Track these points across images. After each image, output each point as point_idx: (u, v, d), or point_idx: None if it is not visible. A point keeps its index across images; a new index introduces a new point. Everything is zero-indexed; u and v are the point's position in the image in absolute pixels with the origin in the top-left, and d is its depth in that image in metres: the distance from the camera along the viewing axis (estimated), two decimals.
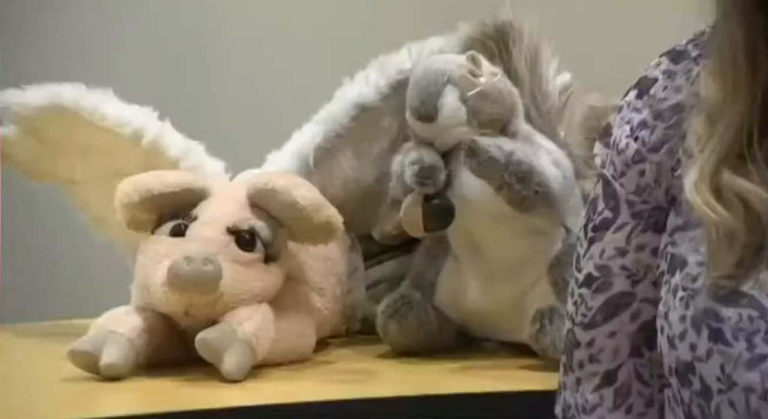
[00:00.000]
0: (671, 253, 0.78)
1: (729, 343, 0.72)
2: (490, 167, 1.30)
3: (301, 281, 1.40)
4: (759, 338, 0.71)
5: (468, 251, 1.39)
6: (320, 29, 1.91)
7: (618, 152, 0.81)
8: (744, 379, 0.71)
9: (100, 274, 1.57)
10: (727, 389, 0.72)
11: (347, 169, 1.46)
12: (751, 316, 0.71)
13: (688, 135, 0.76)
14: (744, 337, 0.71)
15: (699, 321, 0.73)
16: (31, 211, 1.55)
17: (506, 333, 1.39)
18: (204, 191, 1.35)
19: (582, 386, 0.84)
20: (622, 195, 0.81)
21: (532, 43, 1.43)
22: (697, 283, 0.75)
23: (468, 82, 1.34)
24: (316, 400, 1.21)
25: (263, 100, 1.90)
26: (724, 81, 0.74)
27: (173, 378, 1.25)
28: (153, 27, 1.94)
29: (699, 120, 0.76)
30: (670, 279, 0.77)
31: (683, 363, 0.74)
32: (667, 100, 0.79)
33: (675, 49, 0.81)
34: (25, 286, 1.66)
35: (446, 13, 1.47)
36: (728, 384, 0.72)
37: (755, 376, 0.71)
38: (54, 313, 1.62)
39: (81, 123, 1.43)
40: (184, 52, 1.94)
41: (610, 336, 0.82)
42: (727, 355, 0.72)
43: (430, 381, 1.30)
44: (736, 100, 0.74)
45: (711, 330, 0.73)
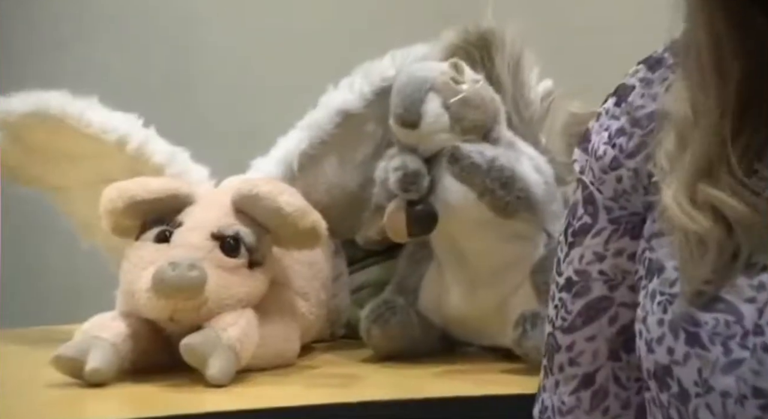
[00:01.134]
0: (649, 258, 0.78)
1: (706, 347, 0.72)
2: (473, 173, 1.31)
3: (286, 287, 1.40)
4: (735, 343, 0.71)
5: (451, 256, 1.39)
6: (305, 37, 1.91)
7: (596, 158, 0.81)
8: (720, 383, 0.71)
9: (85, 280, 1.56)
10: (705, 393, 0.72)
11: (331, 175, 1.46)
12: (728, 321, 0.71)
13: (658, 150, 0.76)
14: (720, 342, 0.71)
15: (676, 325, 0.73)
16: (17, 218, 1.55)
17: (489, 337, 1.39)
18: (189, 197, 1.35)
19: (560, 388, 0.84)
20: (600, 201, 0.81)
21: (515, 50, 1.43)
22: (674, 288, 0.74)
23: (451, 89, 1.34)
24: (301, 404, 1.21)
25: (248, 107, 1.90)
26: (694, 92, 0.74)
27: (158, 384, 1.25)
28: (138, 35, 1.93)
29: (669, 136, 0.75)
30: (648, 284, 0.77)
31: (661, 366, 0.74)
32: (644, 108, 0.79)
33: (652, 57, 0.81)
34: (9, 293, 1.65)
35: (429, 21, 1.47)
36: (705, 388, 0.72)
37: (731, 381, 0.70)
38: (39, 319, 1.61)
39: (67, 130, 1.43)
40: (169, 60, 1.94)
41: (589, 340, 0.82)
42: (704, 359, 0.72)
43: (414, 385, 1.30)
44: (706, 110, 0.73)
45: (688, 334, 0.73)
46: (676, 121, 0.75)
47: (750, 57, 0.72)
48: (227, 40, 1.92)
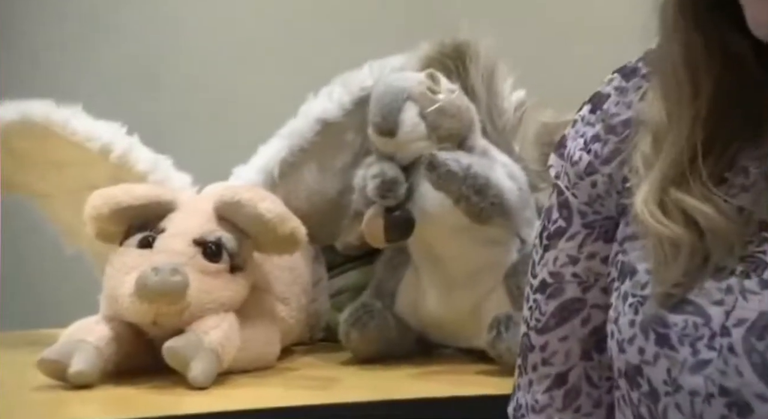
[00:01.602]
0: (621, 261, 0.78)
1: (675, 348, 0.72)
2: (449, 180, 1.31)
3: (267, 291, 1.40)
4: (702, 344, 0.71)
5: (427, 261, 1.39)
6: (285, 47, 1.91)
7: (572, 163, 0.81)
8: (688, 383, 0.71)
9: (69, 284, 1.55)
10: (674, 392, 0.72)
11: (311, 182, 1.46)
12: (696, 323, 0.72)
13: (635, 154, 0.77)
14: (689, 343, 0.72)
15: (647, 327, 0.74)
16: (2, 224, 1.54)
17: (464, 339, 1.40)
18: (171, 203, 1.35)
19: (534, 387, 0.84)
20: (575, 205, 0.81)
21: (488, 61, 1.44)
22: (645, 290, 0.75)
23: (427, 99, 1.35)
24: (281, 406, 1.21)
25: (229, 116, 1.90)
26: (668, 101, 0.75)
27: (141, 386, 1.25)
28: (121, 44, 1.93)
29: (645, 140, 0.76)
30: (620, 286, 0.77)
31: (632, 366, 0.74)
32: (618, 116, 0.80)
33: (627, 67, 0.81)
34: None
35: (406, 33, 1.48)
36: (674, 387, 0.72)
37: (699, 380, 0.71)
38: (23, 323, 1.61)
39: (51, 138, 1.43)
40: (152, 69, 1.93)
41: (562, 340, 0.82)
42: (673, 360, 0.72)
43: (391, 386, 1.30)
44: (680, 119, 0.74)
45: (658, 335, 0.73)
46: (652, 125, 0.75)
47: (723, 71, 0.73)
48: (210, 51, 1.92)
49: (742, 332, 0.70)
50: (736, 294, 0.71)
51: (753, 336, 0.69)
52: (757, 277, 0.71)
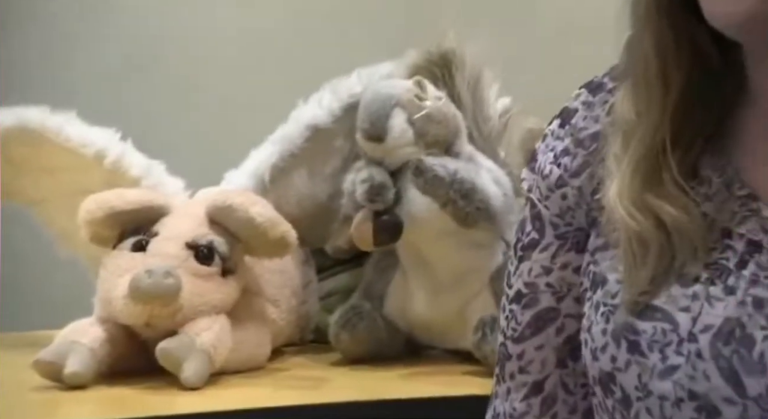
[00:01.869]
0: (593, 271, 0.78)
1: (645, 354, 0.72)
2: (436, 184, 1.31)
3: (258, 293, 1.40)
4: (671, 350, 0.71)
5: (415, 264, 1.40)
6: (275, 54, 1.91)
7: (543, 177, 0.81)
8: (658, 388, 0.72)
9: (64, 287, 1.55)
10: (644, 397, 0.72)
11: (301, 187, 1.46)
12: (664, 329, 0.72)
13: (608, 152, 0.77)
14: (658, 349, 0.72)
15: (618, 334, 0.74)
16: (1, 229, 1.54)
17: (451, 341, 1.40)
18: (164, 208, 1.35)
19: (511, 395, 0.83)
20: (547, 217, 0.81)
21: (474, 69, 1.44)
22: (616, 299, 0.75)
23: (414, 106, 1.35)
24: (272, 406, 1.22)
25: (221, 122, 1.90)
26: (638, 98, 0.75)
27: (134, 386, 1.25)
28: (114, 52, 1.93)
29: (616, 138, 0.76)
30: (592, 296, 0.78)
31: (605, 373, 0.75)
32: (586, 129, 0.80)
33: (593, 82, 0.82)
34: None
35: (394, 41, 1.48)
36: (645, 393, 0.72)
37: (668, 385, 0.71)
38: (19, 325, 1.60)
39: (46, 144, 1.42)
40: (145, 77, 1.93)
41: (538, 349, 0.82)
42: (644, 366, 0.72)
43: (380, 387, 1.30)
44: (649, 115, 0.74)
45: (629, 343, 0.73)
46: (622, 123, 0.75)
47: (692, 66, 0.73)
48: (202, 59, 1.93)
49: (708, 337, 0.70)
50: (702, 301, 0.71)
51: (719, 341, 0.70)
52: (721, 284, 0.71)
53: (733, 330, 0.70)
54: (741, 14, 0.67)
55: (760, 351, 0.68)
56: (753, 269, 0.71)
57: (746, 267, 0.71)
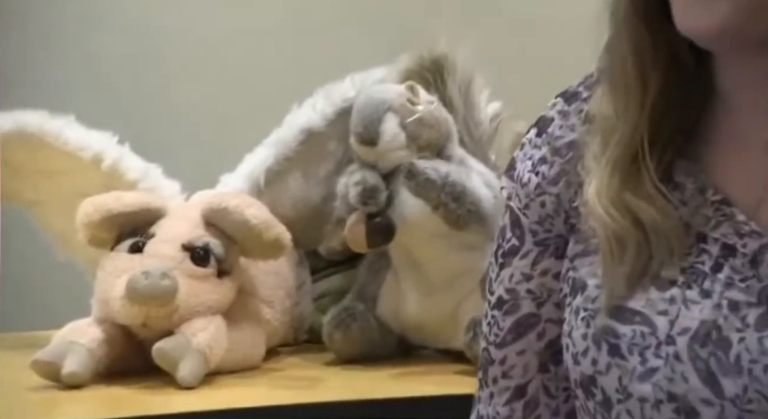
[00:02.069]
0: (572, 277, 0.78)
1: (625, 357, 0.73)
2: (428, 187, 1.31)
3: (252, 294, 1.40)
4: (650, 352, 0.72)
5: (407, 265, 1.40)
6: (270, 60, 1.91)
7: (521, 185, 0.81)
8: (638, 390, 0.72)
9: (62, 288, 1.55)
10: (625, 399, 0.73)
11: (296, 189, 1.46)
12: (644, 332, 0.72)
13: (586, 154, 0.77)
14: (638, 352, 0.72)
15: (599, 338, 0.74)
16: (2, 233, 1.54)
17: (443, 341, 1.40)
18: (161, 210, 1.35)
19: (495, 399, 0.83)
20: (527, 225, 0.81)
21: (465, 74, 1.44)
22: (596, 304, 0.75)
23: (407, 110, 1.35)
24: (267, 405, 1.22)
25: (217, 125, 1.90)
26: (616, 98, 0.75)
27: (131, 386, 1.25)
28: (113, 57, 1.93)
29: (595, 140, 0.76)
30: (572, 301, 0.78)
31: (587, 376, 0.75)
32: (563, 138, 0.80)
33: (569, 91, 0.82)
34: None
35: (387, 47, 1.48)
36: (625, 395, 0.73)
37: (648, 388, 0.71)
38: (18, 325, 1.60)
39: (45, 148, 1.42)
40: (143, 82, 1.93)
41: (520, 354, 0.82)
42: (624, 368, 0.73)
43: (373, 386, 1.30)
44: (627, 115, 0.74)
45: (609, 346, 0.73)
46: (601, 122, 0.75)
47: (668, 67, 0.73)
48: (198, 65, 1.93)
49: (686, 340, 0.71)
50: (679, 304, 0.72)
51: (696, 343, 0.70)
52: (697, 287, 0.72)
53: (709, 332, 0.70)
54: (713, 27, 0.68)
55: (736, 352, 0.69)
56: (728, 273, 0.71)
57: (721, 271, 0.71)
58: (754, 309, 0.70)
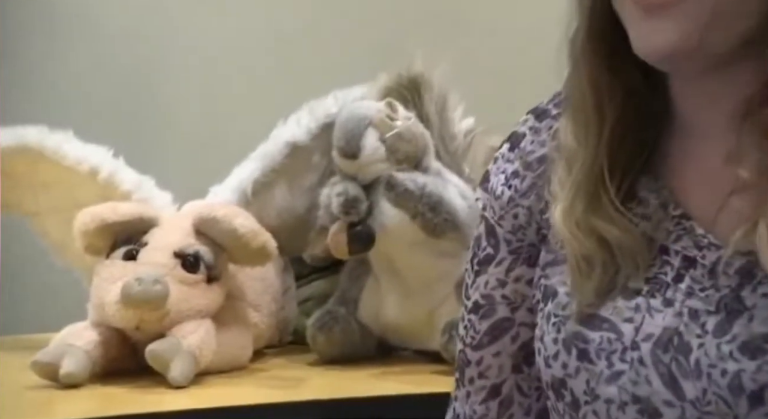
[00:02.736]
0: (544, 284, 0.79)
1: (593, 361, 0.73)
2: (406, 198, 1.32)
3: (240, 299, 1.40)
4: (616, 357, 0.72)
5: (387, 271, 1.40)
6: (257, 77, 1.92)
7: (495, 198, 0.82)
8: (605, 392, 0.72)
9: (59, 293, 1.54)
10: (592, 401, 0.73)
11: (281, 200, 1.46)
12: (610, 338, 0.73)
13: (552, 178, 0.78)
14: (605, 356, 0.73)
15: (569, 343, 0.75)
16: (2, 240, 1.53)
17: (420, 342, 1.40)
18: (153, 220, 1.35)
19: (471, 398, 0.84)
20: (501, 234, 0.82)
21: (441, 92, 1.45)
22: (566, 310, 0.76)
23: (386, 125, 1.36)
24: (254, 404, 1.22)
25: (207, 140, 1.90)
26: (577, 128, 0.75)
27: (125, 385, 1.25)
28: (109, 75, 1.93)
29: (560, 165, 0.77)
30: (544, 308, 0.78)
31: (557, 379, 0.75)
32: (534, 153, 0.80)
33: (539, 108, 0.82)
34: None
35: (367, 66, 1.49)
36: (593, 397, 0.73)
37: (614, 390, 0.72)
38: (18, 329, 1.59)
39: (44, 161, 1.43)
40: (137, 99, 1.93)
41: (495, 356, 0.82)
42: (592, 372, 0.73)
43: (354, 385, 1.31)
44: (587, 143, 0.75)
45: (579, 351, 0.74)
46: (565, 151, 0.76)
47: (625, 99, 0.74)
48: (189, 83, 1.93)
49: (649, 346, 0.71)
50: (644, 312, 0.72)
51: (659, 349, 0.71)
52: (660, 296, 0.72)
53: (671, 338, 0.71)
54: (668, 49, 0.68)
55: (696, 357, 0.69)
56: (688, 283, 0.72)
57: (682, 281, 0.72)
58: (712, 317, 0.70)
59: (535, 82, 0.82)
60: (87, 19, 1.93)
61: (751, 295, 0.69)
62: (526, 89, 0.85)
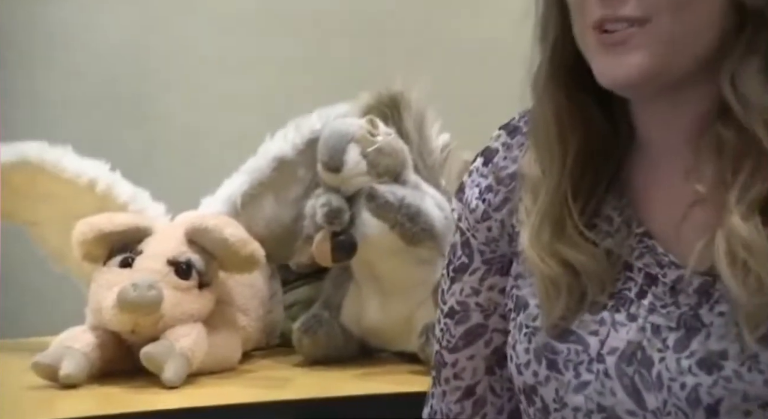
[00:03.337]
0: (516, 295, 0.79)
1: (561, 372, 0.74)
2: (386, 209, 1.32)
3: (230, 304, 1.40)
4: (583, 368, 0.73)
5: (368, 277, 1.40)
6: (247, 96, 1.92)
7: (470, 211, 0.82)
8: (572, 401, 0.73)
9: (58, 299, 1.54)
10: (561, 408, 0.74)
11: (269, 211, 1.46)
12: (578, 350, 0.74)
13: (520, 207, 0.78)
14: (572, 367, 0.74)
15: (539, 353, 0.76)
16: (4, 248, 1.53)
17: (398, 344, 1.41)
18: (148, 229, 1.35)
19: (447, 397, 0.85)
20: (475, 245, 0.82)
21: (419, 109, 1.45)
22: (536, 322, 0.76)
23: (367, 141, 1.36)
24: (243, 402, 1.22)
25: (199, 154, 1.90)
26: (542, 158, 0.76)
27: (121, 385, 1.26)
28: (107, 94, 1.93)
29: (526, 195, 0.77)
30: (516, 317, 0.79)
31: (529, 386, 0.76)
32: (506, 169, 0.80)
33: (511, 124, 0.82)
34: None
35: (349, 85, 1.49)
36: (561, 405, 0.74)
37: (581, 399, 0.73)
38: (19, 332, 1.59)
39: (44, 175, 1.42)
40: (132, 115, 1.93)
41: (470, 359, 0.83)
42: (561, 381, 0.74)
43: (337, 385, 1.31)
44: (552, 173, 0.75)
45: (548, 361, 0.75)
46: (530, 180, 0.77)
47: (586, 129, 0.75)
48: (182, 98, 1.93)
49: (614, 359, 0.72)
50: (609, 326, 0.73)
51: (623, 362, 0.72)
52: (625, 311, 0.73)
53: (635, 352, 0.72)
54: (629, 79, 0.70)
55: (658, 371, 0.70)
56: (651, 299, 0.72)
57: (645, 297, 0.73)
58: (673, 333, 0.71)
59: (507, 101, 0.82)
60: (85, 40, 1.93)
61: (708, 313, 0.70)
62: (499, 107, 0.85)
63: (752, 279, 0.67)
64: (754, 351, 0.68)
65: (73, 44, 1.92)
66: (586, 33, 0.71)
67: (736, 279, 0.68)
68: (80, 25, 1.91)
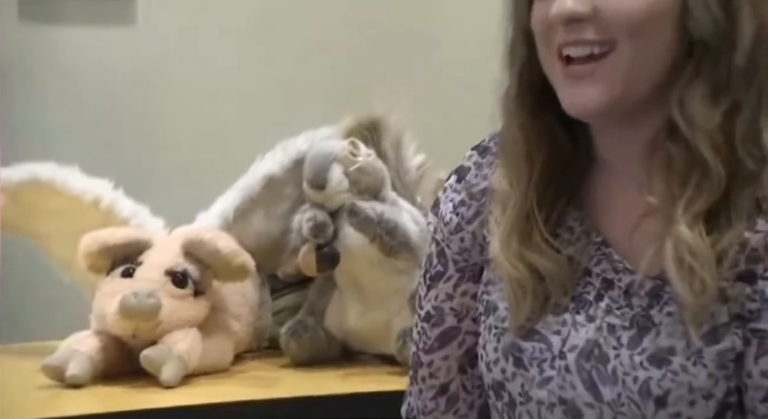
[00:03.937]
0: (486, 299, 0.81)
1: (526, 368, 0.76)
2: (367, 223, 1.34)
3: (223, 310, 1.41)
4: (546, 365, 0.76)
5: (350, 286, 1.41)
6: (238, 120, 1.92)
7: (444, 223, 0.83)
8: (536, 395, 0.76)
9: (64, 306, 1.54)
10: (526, 402, 0.76)
11: (258, 225, 1.45)
12: (541, 348, 0.76)
13: (490, 217, 0.80)
14: (536, 364, 0.76)
15: (507, 352, 0.78)
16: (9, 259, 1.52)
17: (378, 347, 1.41)
18: (148, 242, 1.36)
19: (423, 395, 0.87)
20: (449, 255, 0.84)
21: (397, 132, 1.46)
22: (505, 323, 0.79)
23: (349, 161, 1.37)
24: (234, 400, 1.23)
25: (194, 174, 1.90)
26: (510, 173, 0.78)
27: (123, 386, 1.26)
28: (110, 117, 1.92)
29: (496, 207, 0.80)
30: (486, 320, 0.81)
31: (497, 382, 0.79)
32: (478, 185, 0.82)
33: (482, 145, 0.84)
34: (4, 314, 1.63)
35: (333, 110, 1.48)
36: (526, 398, 0.76)
37: (544, 393, 0.75)
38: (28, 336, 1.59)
39: (53, 192, 1.42)
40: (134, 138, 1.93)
41: (444, 359, 0.85)
42: (526, 377, 0.76)
43: (321, 384, 1.32)
44: (519, 187, 0.78)
45: (515, 358, 0.77)
46: (499, 194, 0.79)
47: (550, 147, 0.78)
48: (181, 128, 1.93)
49: (574, 356, 0.75)
50: (570, 326, 0.76)
51: (582, 358, 0.75)
52: (584, 313, 0.76)
53: (592, 349, 0.74)
54: (592, 108, 0.73)
55: (613, 366, 0.73)
56: (607, 302, 0.75)
57: (602, 300, 0.75)
58: (627, 332, 0.73)
59: (478, 124, 0.85)
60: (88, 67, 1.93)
61: (658, 314, 0.73)
62: (471, 130, 0.87)
63: (697, 282, 0.70)
64: (698, 346, 0.70)
65: (77, 72, 1.92)
66: (552, 62, 0.73)
67: (683, 282, 0.70)
68: (83, 50, 1.91)
